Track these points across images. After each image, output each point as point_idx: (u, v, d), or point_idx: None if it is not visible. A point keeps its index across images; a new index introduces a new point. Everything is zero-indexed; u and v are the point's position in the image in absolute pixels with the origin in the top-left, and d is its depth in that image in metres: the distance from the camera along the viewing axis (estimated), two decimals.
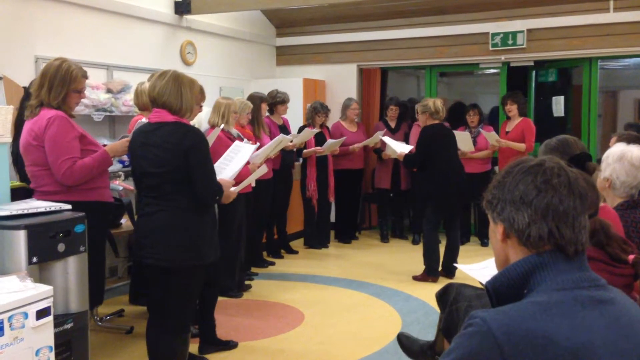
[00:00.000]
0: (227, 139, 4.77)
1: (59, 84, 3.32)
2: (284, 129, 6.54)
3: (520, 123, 6.86)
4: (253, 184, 5.27)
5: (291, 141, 6.21)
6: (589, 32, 6.86)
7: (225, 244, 4.95)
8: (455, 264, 4.36)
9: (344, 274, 6.00)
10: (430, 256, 5.67)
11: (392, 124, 7.45)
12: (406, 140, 7.02)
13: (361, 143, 7.08)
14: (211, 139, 4.29)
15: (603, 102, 8.32)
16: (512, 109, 6.88)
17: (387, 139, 6.48)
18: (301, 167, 6.86)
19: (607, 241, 2.03)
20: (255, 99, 5.84)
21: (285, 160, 6.36)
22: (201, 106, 4.12)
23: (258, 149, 5.02)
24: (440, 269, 5.74)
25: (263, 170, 4.41)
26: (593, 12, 6.80)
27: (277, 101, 6.48)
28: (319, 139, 6.77)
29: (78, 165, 3.28)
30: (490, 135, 6.80)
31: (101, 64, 5.58)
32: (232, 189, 3.49)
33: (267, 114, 6.32)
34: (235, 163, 3.74)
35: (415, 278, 5.70)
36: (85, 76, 3.47)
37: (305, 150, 6.65)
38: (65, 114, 3.35)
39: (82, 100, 4.87)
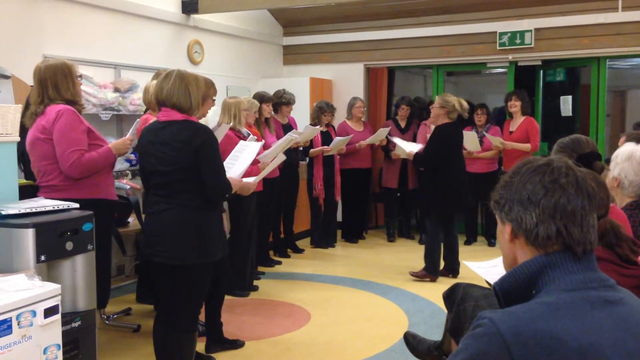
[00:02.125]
0: (237, 138, 4.78)
1: (62, 78, 3.37)
2: (290, 128, 6.54)
3: (523, 122, 6.83)
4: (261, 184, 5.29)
5: (298, 143, 6.23)
6: (597, 31, 6.83)
7: (237, 243, 4.99)
8: (464, 262, 4.34)
9: (350, 273, 6.00)
10: (431, 256, 5.64)
11: (402, 124, 7.44)
12: (414, 140, 7.01)
13: (367, 140, 7.06)
14: (219, 135, 4.30)
15: (611, 101, 8.28)
16: (516, 104, 6.84)
17: (397, 140, 6.43)
18: (308, 166, 6.86)
19: (617, 242, 2.02)
20: (255, 99, 5.85)
21: (289, 158, 6.34)
22: (214, 100, 4.12)
23: (263, 147, 5.03)
24: (442, 268, 5.73)
25: (281, 158, 4.38)
26: (601, 11, 6.76)
27: (282, 102, 6.48)
28: (325, 139, 6.77)
29: (85, 157, 3.32)
30: (494, 139, 6.77)
31: (109, 63, 5.60)
32: (252, 179, 3.48)
33: (272, 113, 6.33)
34: (241, 161, 3.74)
35: (414, 274, 5.67)
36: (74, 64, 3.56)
37: (312, 150, 6.64)
38: (74, 109, 3.39)
39: (90, 99, 4.94)
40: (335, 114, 7.04)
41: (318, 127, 6.59)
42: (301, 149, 6.56)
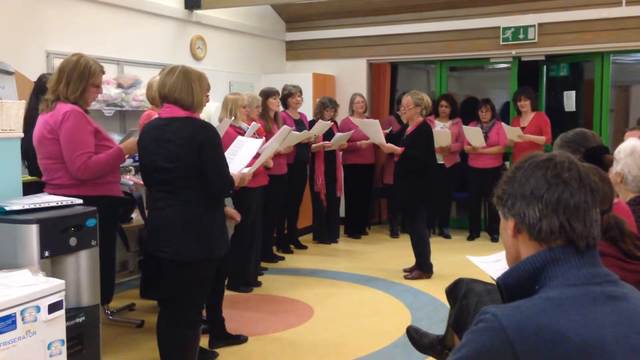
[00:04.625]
0: (236, 133, 4.79)
1: (78, 78, 3.36)
2: (301, 123, 6.56)
3: (535, 117, 6.87)
4: (267, 178, 5.29)
5: (310, 137, 6.25)
6: (600, 26, 6.80)
7: (239, 238, 5.00)
8: (467, 256, 4.33)
9: (353, 269, 6.01)
10: (425, 254, 5.66)
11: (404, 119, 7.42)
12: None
13: (368, 141, 7.05)
14: (221, 130, 4.30)
15: (615, 96, 8.25)
16: (526, 104, 6.89)
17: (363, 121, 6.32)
18: (309, 161, 6.87)
19: (621, 237, 2.01)
20: (261, 94, 5.89)
21: (299, 154, 6.38)
22: (208, 96, 4.12)
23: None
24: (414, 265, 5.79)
25: (274, 147, 4.38)
26: (605, 6, 6.74)
27: (285, 93, 6.52)
28: (327, 134, 6.77)
29: (93, 160, 3.32)
30: (513, 131, 6.74)
31: (112, 59, 5.60)
32: (246, 169, 3.49)
33: (282, 108, 6.35)
34: (240, 157, 3.74)
35: (410, 277, 5.65)
36: (102, 71, 3.53)
37: (313, 145, 6.65)
38: (81, 109, 3.38)
39: None
40: (338, 109, 7.04)
41: (329, 122, 6.61)
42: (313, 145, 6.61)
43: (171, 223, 3.01)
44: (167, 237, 3.02)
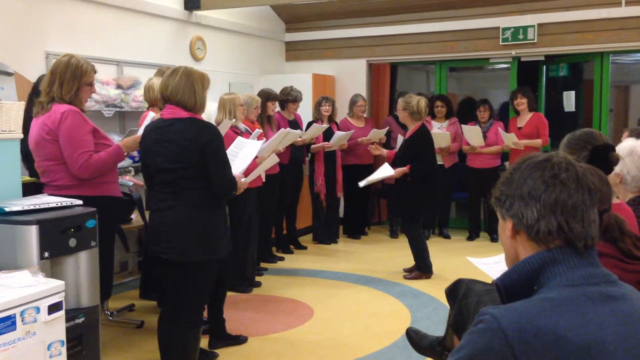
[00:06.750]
0: (234, 134, 4.78)
1: (70, 78, 3.36)
2: (295, 124, 6.55)
3: (532, 118, 6.85)
4: (263, 178, 5.29)
5: (300, 137, 6.22)
6: (600, 26, 6.81)
7: (235, 237, 5.00)
8: (467, 257, 4.33)
9: (353, 269, 6.01)
10: (422, 256, 5.66)
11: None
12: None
13: (367, 137, 7.04)
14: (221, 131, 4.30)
15: (614, 97, 8.24)
16: (523, 102, 6.86)
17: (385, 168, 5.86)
18: (309, 162, 6.87)
19: (620, 237, 2.01)
20: (261, 96, 5.86)
21: (294, 155, 6.37)
22: None
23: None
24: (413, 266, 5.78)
25: (274, 159, 4.38)
26: (604, 6, 6.75)
27: (288, 99, 6.50)
28: (327, 135, 6.78)
29: (94, 159, 3.33)
30: (508, 137, 6.74)
31: (111, 59, 5.60)
32: (243, 179, 3.51)
33: (278, 109, 6.34)
34: (241, 158, 3.75)
35: (409, 278, 5.66)
36: (94, 70, 3.52)
37: (313, 146, 6.65)
38: (78, 109, 3.38)
39: (93, 95, 4.92)
40: (335, 105, 6.98)
41: (324, 125, 6.61)
42: (305, 145, 6.58)
43: (173, 224, 3.02)
44: (169, 238, 3.02)
